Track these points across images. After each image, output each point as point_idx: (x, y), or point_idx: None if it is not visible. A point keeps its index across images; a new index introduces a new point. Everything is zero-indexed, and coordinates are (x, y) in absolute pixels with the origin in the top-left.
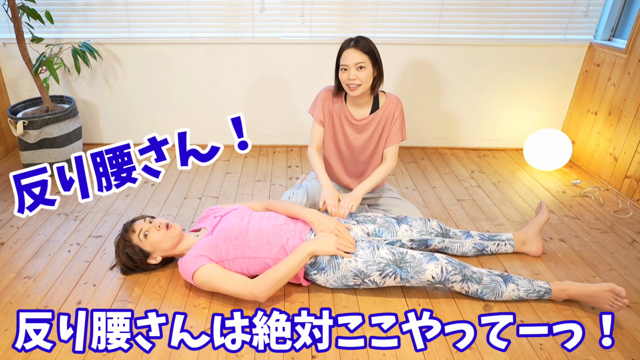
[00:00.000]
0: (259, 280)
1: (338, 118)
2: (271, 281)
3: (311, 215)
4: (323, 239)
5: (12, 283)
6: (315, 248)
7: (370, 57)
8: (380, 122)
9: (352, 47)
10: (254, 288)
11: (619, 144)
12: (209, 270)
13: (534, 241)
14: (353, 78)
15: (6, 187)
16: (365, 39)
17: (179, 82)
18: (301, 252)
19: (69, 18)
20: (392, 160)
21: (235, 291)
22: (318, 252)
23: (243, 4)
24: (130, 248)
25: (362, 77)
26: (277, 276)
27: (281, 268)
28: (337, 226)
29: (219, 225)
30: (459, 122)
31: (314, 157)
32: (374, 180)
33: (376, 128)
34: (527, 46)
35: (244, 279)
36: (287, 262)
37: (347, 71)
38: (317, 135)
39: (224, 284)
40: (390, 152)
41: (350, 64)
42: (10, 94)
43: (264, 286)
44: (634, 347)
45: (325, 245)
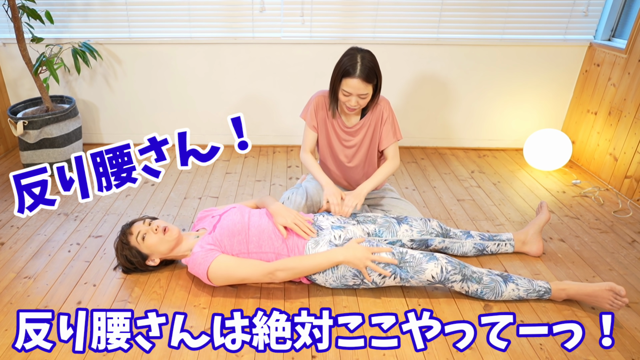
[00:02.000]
0: (280, 265)
1: (331, 124)
2: (293, 270)
3: (273, 207)
4: (358, 253)
5: (12, 283)
6: (348, 259)
7: (374, 83)
8: (371, 125)
9: (357, 78)
10: (274, 270)
11: (619, 144)
12: (224, 260)
13: (534, 241)
14: (354, 105)
15: (6, 187)
16: (370, 60)
17: (179, 82)
18: (331, 258)
19: (69, 18)
20: (394, 159)
21: (254, 275)
22: (349, 264)
23: (243, 4)
24: (128, 250)
25: (362, 103)
26: (300, 268)
27: (306, 262)
28: (295, 218)
29: (220, 222)
30: (459, 122)
31: (308, 159)
32: (378, 179)
33: (367, 132)
34: (527, 46)
35: (259, 262)
36: (315, 259)
37: (348, 96)
38: (310, 139)
39: (241, 271)
40: (390, 151)
41: (354, 93)
42: (10, 94)
43: (284, 272)
44: (634, 347)
45: (358, 260)
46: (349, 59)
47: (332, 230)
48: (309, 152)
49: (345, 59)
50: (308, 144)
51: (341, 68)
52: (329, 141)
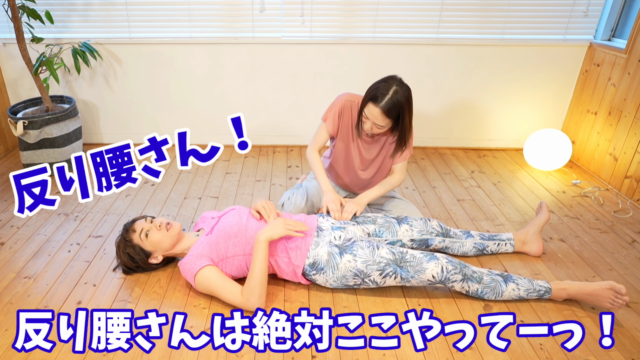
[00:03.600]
0: (245, 293)
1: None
2: (256, 287)
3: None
4: (272, 224)
5: (12, 283)
6: (268, 234)
7: (395, 120)
8: (389, 139)
9: (379, 109)
10: (247, 301)
11: (619, 144)
12: (209, 274)
13: (534, 241)
14: (369, 130)
15: (6, 187)
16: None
17: (179, 82)
18: (259, 245)
19: (69, 18)
20: (400, 174)
21: (231, 301)
22: (271, 236)
23: (243, 4)
24: (131, 248)
25: (376, 132)
26: (257, 279)
27: (254, 270)
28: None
29: (218, 224)
30: (459, 122)
31: (314, 158)
32: (381, 190)
33: (385, 144)
34: (527, 46)
35: (239, 290)
36: (255, 262)
37: (366, 120)
38: (322, 138)
39: (220, 292)
40: (398, 167)
41: (371, 120)
42: (10, 94)
43: (254, 295)
44: (634, 347)
45: (275, 228)
46: (384, 85)
47: (332, 232)
48: (316, 151)
49: (381, 83)
50: (318, 143)
51: (372, 91)
52: (347, 146)
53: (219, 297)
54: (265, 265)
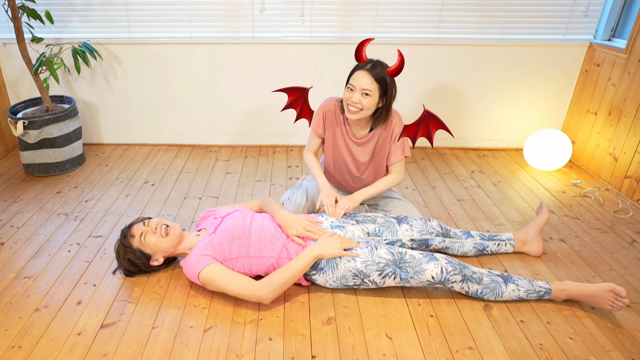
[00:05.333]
0: (265, 282)
1: (340, 133)
2: (277, 283)
3: (280, 217)
4: (328, 241)
5: (12, 283)
6: (321, 252)
7: (381, 86)
8: (380, 139)
9: (365, 70)
10: (259, 290)
11: (619, 144)
12: (214, 270)
13: (534, 241)
14: (356, 101)
15: (6, 187)
16: (383, 65)
17: (179, 82)
18: (307, 256)
19: (69, 18)
20: (397, 174)
21: (239, 292)
22: (324, 255)
23: (243, 4)
24: (132, 253)
25: (365, 103)
26: (283, 279)
27: (287, 271)
28: (305, 224)
29: (221, 225)
30: (459, 122)
31: (310, 159)
32: (377, 189)
33: (376, 145)
34: (527, 46)
35: (248, 280)
36: (293, 265)
37: (352, 92)
38: (314, 142)
39: (228, 284)
40: (395, 167)
41: (358, 87)
42: (10, 94)
43: (270, 288)
44: (634, 347)
45: (330, 248)
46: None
47: (330, 230)
48: (311, 153)
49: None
50: (312, 146)
51: (354, 67)
52: (335, 148)
53: (227, 290)
54: (298, 274)
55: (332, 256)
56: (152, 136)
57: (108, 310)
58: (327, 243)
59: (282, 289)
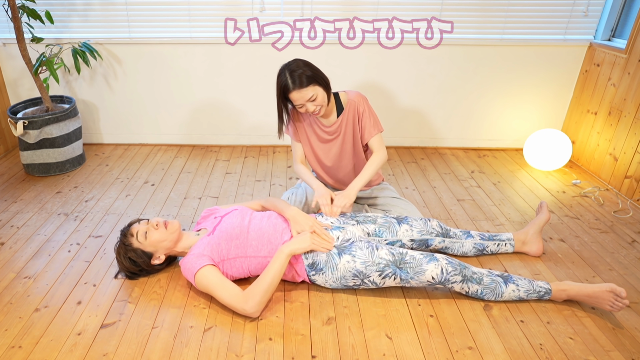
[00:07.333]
0: (248, 295)
1: (311, 129)
2: (259, 293)
3: (290, 213)
4: (298, 238)
5: (12, 283)
6: (292, 248)
7: (314, 83)
8: (349, 121)
9: (296, 90)
10: (245, 303)
11: (619, 144)
12: (208, 274)
13: (534, 241)
14: (312, 109)
15: (6, 187)
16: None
17: (179, 82)
18: (280, 255)
19: (69, 18)
20: (380, 150)
21: (228, 302)
22: (296, 251)
23: (243, 4)
24: (132, 252)
25: (318, 102)
26: (264, 286)
27: (265, 277)
28: (313, 225)
29: (220, 224)
30: (459, 122)
31: (300, 169)
32: (367, 174)
33: (346, 129)
34: (527, 46)
35: (238, 292)
36: (270, 270)
37: (303, 107)
38: (298, 151)
39: (219, 292)
40: (375, 143)
41: (303, 101)
42: (10, 94)
43: (254, 300)
44: (634, 347)
45: (300, 242)
46: (280, 79)
47: (331, 232)
48: (299, 163)
49: (278, 80)
50: (297, 156)
51: (280, 89)
52: (312, 146)
53: (217, 297)
54: (277, 277)
55: (304, 250)
56: (152, 136)
57: (108, 310)
58: (297, 239)
59: (267, 297)
